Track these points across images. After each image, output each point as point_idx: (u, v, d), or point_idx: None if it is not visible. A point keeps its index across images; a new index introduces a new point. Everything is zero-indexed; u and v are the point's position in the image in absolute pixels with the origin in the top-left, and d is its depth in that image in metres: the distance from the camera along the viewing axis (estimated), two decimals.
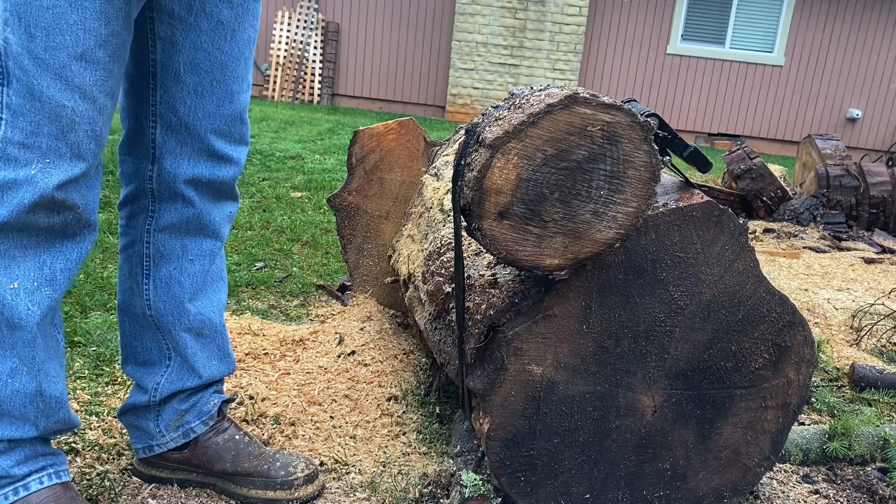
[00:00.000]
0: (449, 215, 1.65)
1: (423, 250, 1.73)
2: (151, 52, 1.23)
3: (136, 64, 1.26)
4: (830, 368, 2.28)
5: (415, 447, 1.66)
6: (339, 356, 2.03)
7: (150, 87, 1.26)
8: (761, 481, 1.59)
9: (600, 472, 1.31)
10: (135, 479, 1.46)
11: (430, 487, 1.48)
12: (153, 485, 1.45)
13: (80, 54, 1.04)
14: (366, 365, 2.00)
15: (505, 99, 1.16)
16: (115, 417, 1.64)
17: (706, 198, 1.25)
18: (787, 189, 4.79)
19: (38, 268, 1.12)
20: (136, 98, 1.28)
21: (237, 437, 1.46)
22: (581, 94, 1.04)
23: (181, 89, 1.25)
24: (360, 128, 2.30)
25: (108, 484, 1.43)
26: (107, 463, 1.50)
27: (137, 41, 1.23)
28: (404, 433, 1.72)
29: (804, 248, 4.10)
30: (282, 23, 10.39)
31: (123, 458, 1.52)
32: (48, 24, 1.01)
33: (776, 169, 4.97)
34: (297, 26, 10.41)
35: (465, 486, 1.36)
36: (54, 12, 1.01)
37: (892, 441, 1.72)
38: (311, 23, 10.40)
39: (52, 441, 1.47)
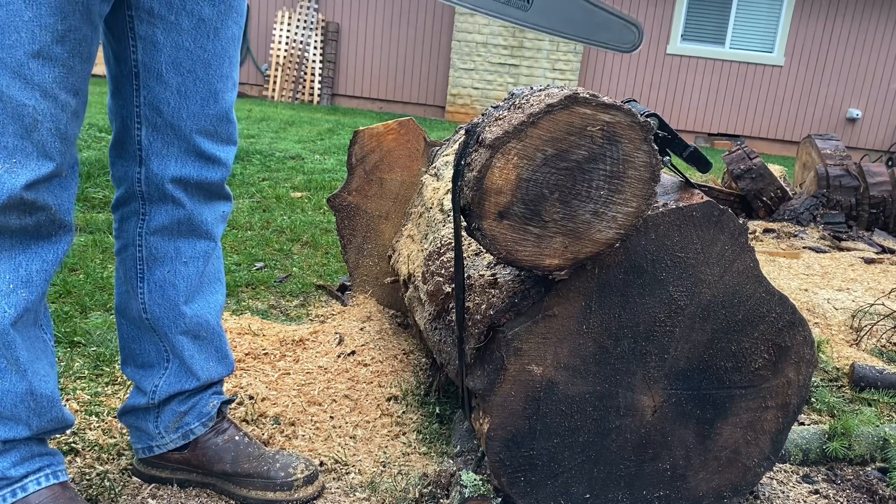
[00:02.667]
0: (449, 215, 1.65)
1: (423, 250, 1.73)
2: (133, 53, 1.21)
3: (120, 65, 1.23)
4: (830, 368, 2.28)
5: (415, 447, 1.66)
6: (339, 356, 2.03)
7: (134, 88, 1.23)
8: (761, 481, 1.59)
9: (600, 472, 1.31)
10: (135, 479, 1.46)
11: (430, 487, 1.48)
12: (153, 485, 1.45)
13: (37, 52, 1.01)
14: (366, 365, 2.00)
15: (505, 99, 1.16)
16: (115, 417, 1.64)
17: (706, 198, 1.25)
18: (787, 189, 4.79)
19: (13, 270, 1.10)
20: (121, 100, 1.26)
21: (237, 437, 1.46)
22: (581, 94, 1.04)
23: (164, 90, 1.23)
24: (360, 128, 2.30)
25: (108, 484, 1.43)
26: (107, 463, 1.50)
27: (119, 41, 1.21)
28: (404, 433, 1.72)
29: (804, 248, 4.10)
30: (282, 23, 10.39)
31: (123, 458, 1.52)
32: (3, 21, 0.99)
33: (776, 169, 4.97)
34: (297, 26, 10.41)
35: (465, 486, 1.36)
36: (8, 9, 0.99)
37: (892, 441, 1.72)
38: (311, 23, 10.40)
39: (51, 441, 1.47)
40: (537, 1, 1.12)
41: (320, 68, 10.52)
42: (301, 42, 10.42)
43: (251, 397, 1.76)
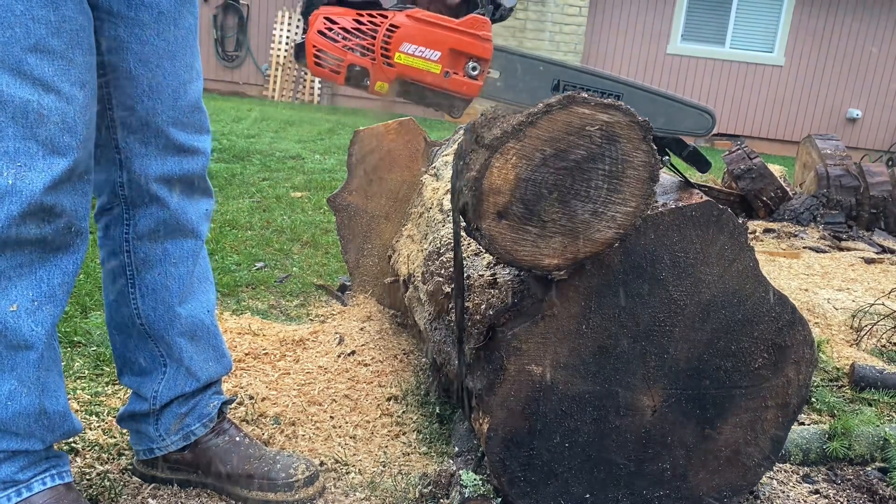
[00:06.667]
0: (448, 215, 1.65)
1: (422, 250, 1.73)
2: (98, 55, 1.18)
3: None
4: (830, 368, 2.28)
5: (415, 447, 1.67)
6: (339, 356, 2.03)
7: (104, 92, 1.21)
8: (761, 481, 1.59)
9: (600, 472, 1.31)
10: (135, 479, 1.47)
11: (430, 487, 1.48)
12: (153, 485, 1.45)
13: (33, 45, 1.00)
14: (366, 365, 2.00)
15: None
16: (115, 418, 1.65)
17: (706, 198, 1.25)
18: (787, 189, 4.79)
19: (35, 285, 1.09)
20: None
21: (237, 438, 1.46)
22: (579, 94, 1.04)
23: (136, 88, 1.21)
24: (360, 128, 2.30)
25: (108, 484, 1.43)
26: (107, 463, 1.50)
27: None
28: (404, 433, 1.72)
29: (804, 248, 4.10)
30: (282, 23, 10.39)
31: (123, 458, 1.52)
32: None
33: (776, 169, 4.96)
34: (298, 26, 10.41)
35: (465, 486, 1.36)
36: None
37: (892, 441, 1.72)
38: None
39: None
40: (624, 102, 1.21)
41: None
42: None
43: (251, 397, 1.76)
